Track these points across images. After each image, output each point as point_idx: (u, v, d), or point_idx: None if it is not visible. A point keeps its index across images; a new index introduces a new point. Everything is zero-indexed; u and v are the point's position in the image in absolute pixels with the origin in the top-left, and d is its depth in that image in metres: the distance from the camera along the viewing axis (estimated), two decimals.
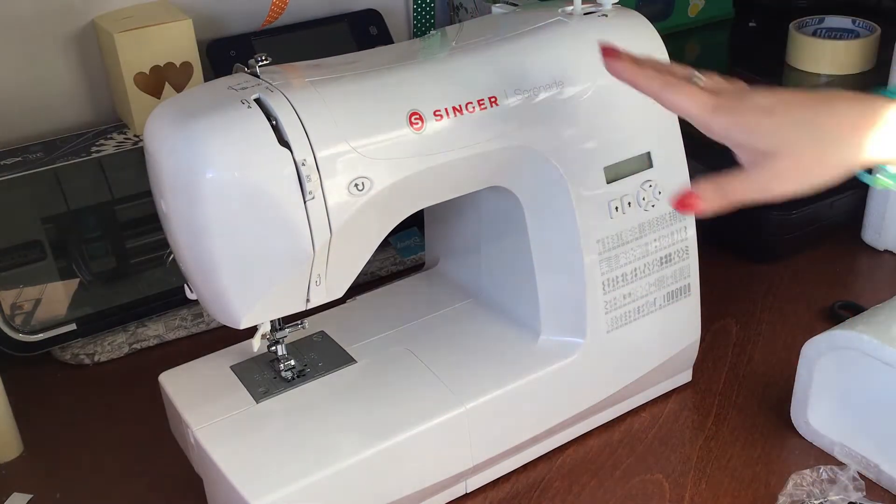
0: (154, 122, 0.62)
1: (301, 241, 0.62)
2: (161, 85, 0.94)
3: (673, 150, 0.76)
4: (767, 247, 1.02)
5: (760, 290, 0.98)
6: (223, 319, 0.65)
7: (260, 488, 0.63)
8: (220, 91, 0.62)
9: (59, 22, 0.96)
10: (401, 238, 1.04)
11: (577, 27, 0.72)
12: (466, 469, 0.72)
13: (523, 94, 0.69)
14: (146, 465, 0.79)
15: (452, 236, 0.85)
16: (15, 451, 0.81)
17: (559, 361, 0.75)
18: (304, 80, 0.63)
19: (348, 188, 0.62)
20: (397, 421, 0.69)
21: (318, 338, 0.78)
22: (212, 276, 0.62)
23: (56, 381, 0.90)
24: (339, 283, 0.67)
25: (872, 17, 1.13)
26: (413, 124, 0.65)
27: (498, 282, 0.81)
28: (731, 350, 0.89)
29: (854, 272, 1.00)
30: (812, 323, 0.92)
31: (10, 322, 0.89)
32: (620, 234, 0.74)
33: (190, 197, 0.59)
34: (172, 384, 0.74)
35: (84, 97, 1.00)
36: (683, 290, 0.79)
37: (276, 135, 0.60)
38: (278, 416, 0.70)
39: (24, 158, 0.91)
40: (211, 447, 0.67)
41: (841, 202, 1.02)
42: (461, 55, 0.69)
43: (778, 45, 1.15)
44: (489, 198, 0.77)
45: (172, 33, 0.93)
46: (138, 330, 0.94)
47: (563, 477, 0.76)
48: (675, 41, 1.23)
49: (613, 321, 0.76)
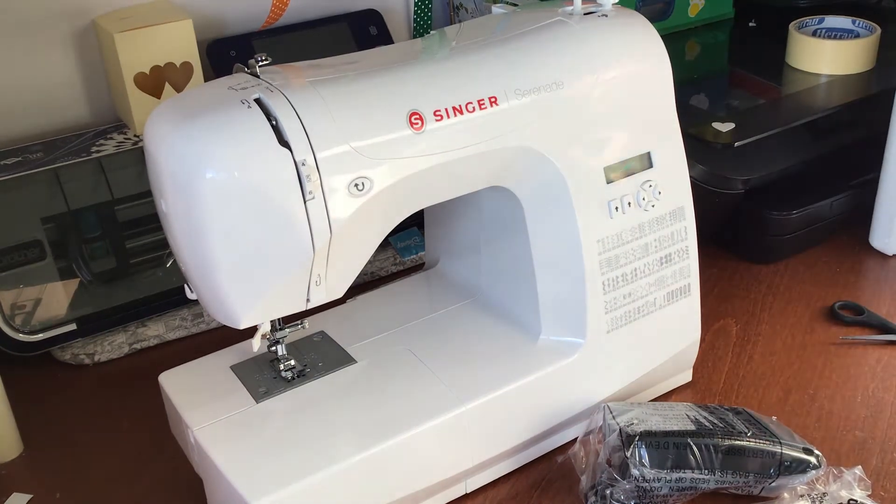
0: (154, 122, 0.62)
1: (301, 241, 0.62)
2: (161, 85, 0.94)
3: (673, 150, 0.76)
4: (767, 247, 1.02)
5: (760, 290, 0.98)
6: (223, 319, 0.65)
7: (260, 488, 0.63)
8: (220, 91, 0.62)
9: (59, 22, 0.96)
10: (401, 238, 1.04)
11: (577, 27, 0.72)
12: (466, 469, 0.72)
13: (523, 94, 0.69)
14: (146, 465, 0.79)
15: (452, 236, 0.85)
16: (15, 451, 0.81)
17: (559, 361, 0.75)
18: (304, 80, 0.63)
19: (348, 188, 0.62)
20: (397, 421, 0.69)
21: (318, 338, 0.78)
22: (212, 276, 0.62)
23: (56, 381, 0.90)
24: (339, 283, 0.67)
25: (872, 17, 1.13)
26: (413, 124, 0.65)
27: (498, 282, 0.81)
28: (731, 350, 0.89)
29: (854, 272, 1.00)
30: (812, 323, 0.92)
31: (10, 322, 0.89)
32: (620, 234, 0.74)
33: (190, 197, 0.59)
34: (172, 384, 0.74)
35: (84, 97, 1.00)
36: (683, 290, 0.79)
37: (276, 135, 0.60)
38: (278, 416, 0.70)
39: (24, 158, 0.91)
40: (211, 447, 0.67)
41: (841, 202, 1.02)
42: (461, 55, 0.69)
43: (778, 45, 1.15)
44: (489, 198, 0.77)
45: (172, 33, 0.93)
46: (138, 330, 0.94)
47: (563, 477, 0.76)
48: (675, 41, 1.23)
49: (613, 321, 0.76)
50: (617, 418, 0.70)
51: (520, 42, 0.71)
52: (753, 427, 0.70)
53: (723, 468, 0.68)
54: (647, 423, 0.69)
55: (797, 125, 1.01)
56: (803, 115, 1.02)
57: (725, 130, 0.97)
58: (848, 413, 0.81)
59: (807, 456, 0.70)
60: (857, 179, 1.03)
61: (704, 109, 1.06)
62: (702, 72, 1.18)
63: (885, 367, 0.86)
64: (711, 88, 1.13)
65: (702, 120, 1.00)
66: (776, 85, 1.11)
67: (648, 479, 0.67)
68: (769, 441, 0.69)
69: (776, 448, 0.69)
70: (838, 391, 0.83)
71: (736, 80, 1.17)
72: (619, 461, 0.68)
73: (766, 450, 0.69)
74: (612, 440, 0.69)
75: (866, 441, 0.77)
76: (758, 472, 0.68)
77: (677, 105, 0.76)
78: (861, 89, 1.07)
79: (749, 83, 1.14)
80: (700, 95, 1.10)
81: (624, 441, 0.68)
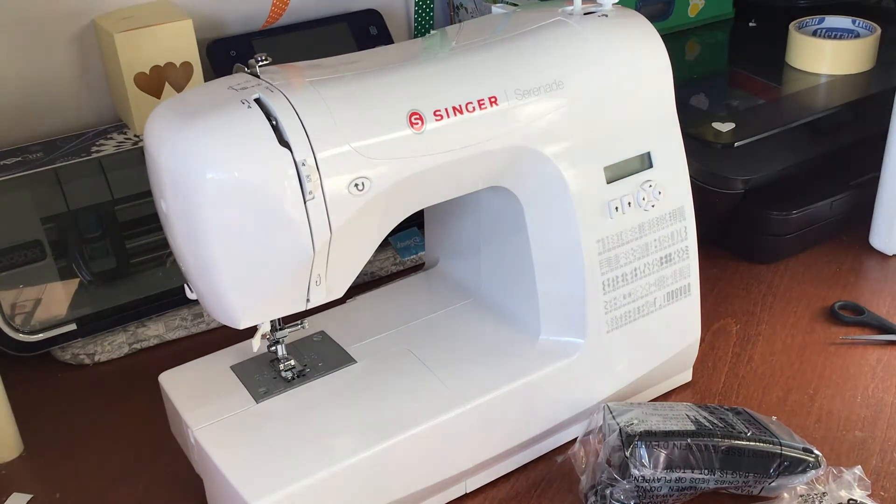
0: (154, 122, 0.62)
1: (301, 241, 0.62)
2: (161, 85, 0.94)
3: (673, 150, 0.76)
4: (767, 247, 1.02)
5: (760, 290, 0.98)
6: (223, 319, 0.65)
7: (260, 488, 0.63)
8: (220, 91, 0.62)
9: (59, 22, 0.96)
10: (401, 238, 1.04)
11: (578, 27, 0.72)
12: (466, 469, 0.72)
13: (523, 94, 0.69)
14: (146, 465, 0.79)
15: (452, 236, 0.85)
16: (15, 451, 0.81)
17: (559, 361, 0.75)
18: (304, 80, 0.63)
19: (348, 188, 0.62)
20: (397, 421, 0.69)
21: (318, 338, 0.78)
22: (212, 276, 0.62)
23: (56, 381, 0.90)
24: (339, 283, 0.67)
25: (872, 17, 1.13)
26: (413, 124, 0.65)
27: (498, 282, 0.81)
28: (731, 350, 0.89)
29: (854, 272, 1.00)
30: (812, 323, 0.92)
31: (10, 322, 0.89)
32: (620, 234, 0.74)
33: (190, 197, 0.59)
34: (172, 384, 0.74)
35: (84, 97, 1.00)
36: (683, 290, 0.79)
37: (276, 135, 0.60)
38: (278, 416, 0.70)
39: (24, 158, 0.91)
40: (211, 447, 0.67)
41: (841, 202, 1.02)
42: (461, 55, 0.69)
43: (778, 45, 1.15)
44: (489, 198, 0.77)
45: (172, 33, 0.93)
46: (138, 330, 0.94)
47: (563, 477, 0.75)
48: (675, 41, 1.23)
49: (613, 321, 0.76)
50: (617, 418, 0.70)
51: (520, 42, 0.71)
52: (753, 427, 0.70)
53: (722, 468, 0.68)
54: (647, 423, 0.69)
55: (797, 125, 1.01)
56: (803, 115, 1.02)
57: (725, 130, 0.97)
58: (848, 413, 0.81)
59: (806, 456, 0.70)
60: (857, 179, 1.03)
61: (704, 109, 1.06)
62: (702, 72, 1.18)
63: (885, 367, 0.86)
64: (711, 88, 1.13)
65: (702, 120, 1.00)
66: (776, 85, 1.11)
67: (648, 479, 0.67)
68: (769, 441, 0.69)
69: (776, 448, 0.69)
70: (838, 391, 0.83)
71: (736, 80, 1.17)
72: (619, 461, 0.68)
73: (766, 450, 0.69)
74: (612, 440, 0.69)
75: (866, 441, 0.77)
76: (757, 472, 0.68)
77: (677, 105, 0.76)
78: (861, 89, 1.07)
79: (749, 83, 1.14)
80: (700, 95, 1.10)
81: (624, 441, 0.68)
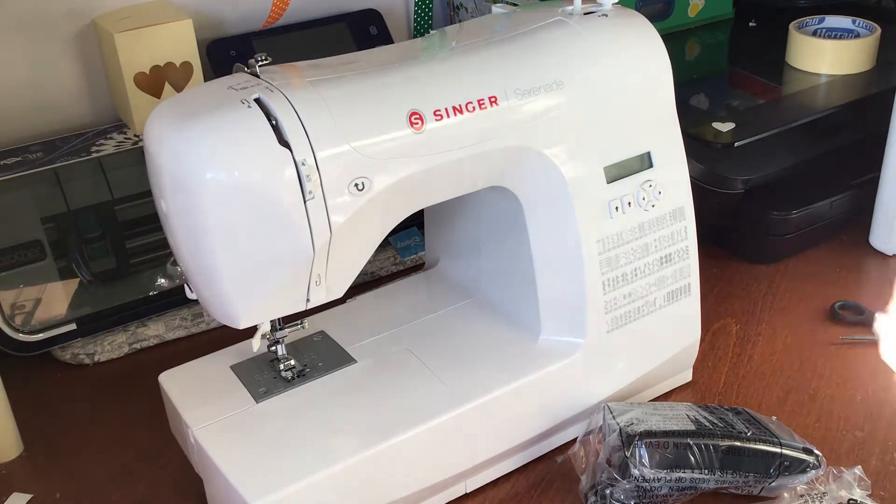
0: (154, 122, 0.62)
1: (301, 241, 0.62)
2: (161, 85, 0.94)
3: (673, 150, 0.76)
4: (767, 247, 1.02)
5: (760, 290, 0.98)
6: (223, 319, 0.65)
7: (260, 488, 0.63)
8: (220, 91, 0.62)
9: (59, 22, 0.96)
10: (401, 238, 1.04)
11: (577, 27, 0.72)
12: (466, 469, 0.72)
13: (523, 94, 0.69)
14: (146, 465, 0.79)
15: (452, 236, 0.85)
16: (15, 451, 0.81)
17: (559, 361, 0.75)
18: (304, 80, 0.63)
19: (348, 188, 0.62)
20: (397, 421, 0.69)
21: (318, 338, 0.78)
22: (212, 276, 0.62)
23: (56, 381, 0.90)
24: (339, 283, 0.67)
25: (872, 17, 1.13)
26: (413, 124, 0.65)
27: (498, 282, 0.81)
28: (731, 350, 0.89)
29: (854, 272, 1.00)
30: (812, 323, 0.92)
31: (10, 322, 0.89)
32: (620, 234, 0.74)
33: (190, 197, 0.59)
34: (172, 384, 0.74)
35: (84, 97, 1.00)
36: (683, 290, 0.79)
37: (276, 135, 0.60)
38: (278, 416, 0.70)
39: (24, 158, 0.91)
40: (211, 447, 0.67)
41: (841, 202, 1.02)
42: (461, 55, 0.69)
43: (778, 45, 1.15)
44: (489, 198, 0.77)
45: (172, 33, 0.93)
46: (138, 330, 0.94)
47: (563, 477, 0.76)
48: (675, 41, 1.23)
49: (613, 321, 0.76)
50: (617, 418, 0.70)
51: (520, 42, 0.71)
52: (753, 427, 0.70)
53: (723, 468, 0.68)
54: (647, 423, 0.69)
55: (797, 125, 1.01)
56: (803, 115, 1.02)
57: (725, 130, 0.97)
58: (848, 413, 0.80)
59: (806, 456, 0.69)
60: (857, 179, 1.03)
61: (704, 109, 1.06)
62: (702, 72, 1.18)
63: (886, 367, 0.86)
64: (711, 88, 1.13)
65: (702, 120, 1.00)
66: (776, 85, 1.11)
67: (648, 478, 0.67)
68: (769, 441, 0.69)
69: (776, 448, 0.69)
70: (838, 391, 0.83)
71: (736, 80, 1.17)
72: (619, 461, 0.68)
73: (766, 450, 0.69)
74: (612, 440, 0.69)
75: (866, 441, 0.77)
76: (757, 472, 0.68)
77: (677, 105, 0.76)
78: (861, 89, 1.07)
79: (749, 83, 1.14)
80: (700, 95, 1.10)
81: (624, 441, 0.68)
